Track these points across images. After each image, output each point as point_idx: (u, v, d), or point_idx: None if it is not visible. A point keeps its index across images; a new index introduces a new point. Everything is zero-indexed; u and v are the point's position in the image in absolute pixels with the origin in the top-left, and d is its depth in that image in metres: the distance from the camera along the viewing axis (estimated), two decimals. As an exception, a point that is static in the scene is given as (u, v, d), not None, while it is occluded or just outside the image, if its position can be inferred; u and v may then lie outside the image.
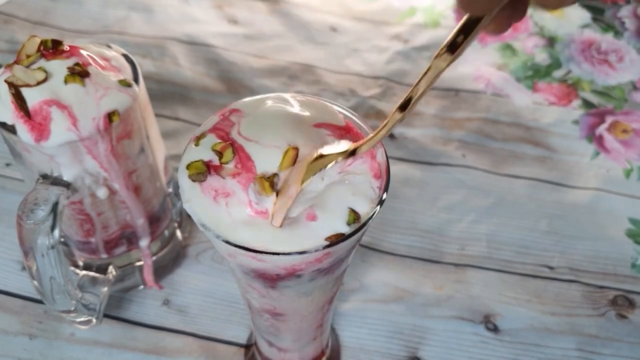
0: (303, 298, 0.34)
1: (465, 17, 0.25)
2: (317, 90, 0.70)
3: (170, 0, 0.81)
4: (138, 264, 0.50)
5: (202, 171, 0.29)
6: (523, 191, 0.60)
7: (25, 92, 0.37)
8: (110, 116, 0.38)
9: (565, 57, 0.75)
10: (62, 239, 0.46)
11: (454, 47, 0.25)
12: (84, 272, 0.49)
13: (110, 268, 0.49)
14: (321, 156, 0.30)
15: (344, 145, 0.31)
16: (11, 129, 0.37)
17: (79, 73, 0.38)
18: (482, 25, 0.25)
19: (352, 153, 0.30)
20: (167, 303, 0.51)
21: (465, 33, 0.25)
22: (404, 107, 0.28)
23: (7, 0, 0.79)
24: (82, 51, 0.40)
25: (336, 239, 0.28)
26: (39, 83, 0.37)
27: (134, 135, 0.42)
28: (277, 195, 0.29)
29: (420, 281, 0.53)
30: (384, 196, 0.30)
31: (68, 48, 0.39)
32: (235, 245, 0.28)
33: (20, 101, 0.37)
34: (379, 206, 0.29)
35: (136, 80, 0.41)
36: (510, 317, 0.51)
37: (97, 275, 0.49)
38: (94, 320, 0.45)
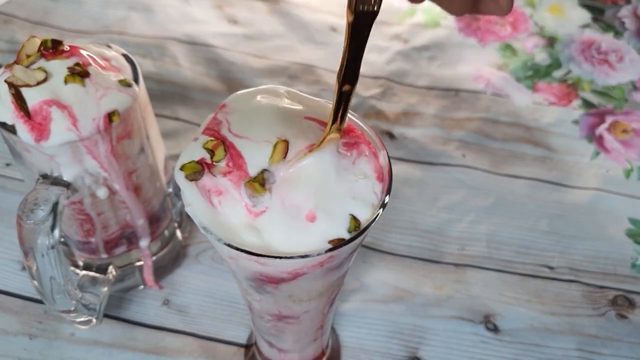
0: (304, 300, 0.34)
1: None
2: (317, 90, 0.70)
3: (170, 0, 0.80)
4: (138, 264, 0.50)
5: (198, 170, 0.29)
6: (523, 191, 0.60)
7: (25, 92, 0.37)
8: (110, 116, 0.38)
9: (565, 57, 0.75)
10: (62, 239, 0.46)
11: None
12: (84, 272, 0.49)
13: (110, 268, 0.49)
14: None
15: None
16: (11, 129, 0.37)
17: (79, 73, 0.38)
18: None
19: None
20: (167, 303, 0.51)
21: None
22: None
23: (7, 0, 0.79)
24: (82, 51, 0.40)
25: (338, 243, 0.28)
26: (39, 83, 0.37)
27: (134, 135, 0.42)
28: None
29: (420, 281, 0.53)
30: (387, 199, 0.30)
31: (68, 48, 0.39)
32: (237, 249, 0.28)
33: (20, 101, 0.37)
34: (381, 209, 0.29)
35: (136, 80, 0.41)
36: (510, 317, 0.51)
37: (97, 275, 0.49)
38: (94, 320, 0.45)
